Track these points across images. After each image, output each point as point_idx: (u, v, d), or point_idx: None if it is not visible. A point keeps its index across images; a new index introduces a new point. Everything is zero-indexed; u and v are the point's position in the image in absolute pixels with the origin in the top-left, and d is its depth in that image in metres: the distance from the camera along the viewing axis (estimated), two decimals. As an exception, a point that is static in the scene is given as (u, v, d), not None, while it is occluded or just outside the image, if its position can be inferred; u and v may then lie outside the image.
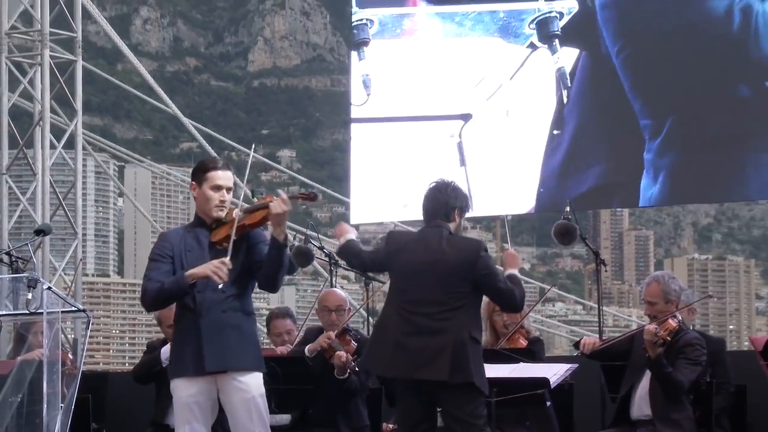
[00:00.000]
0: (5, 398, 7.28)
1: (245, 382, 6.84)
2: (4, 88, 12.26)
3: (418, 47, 11.89)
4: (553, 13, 11.14)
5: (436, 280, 7.13)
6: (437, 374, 7.02)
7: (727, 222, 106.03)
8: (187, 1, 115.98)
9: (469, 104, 11.64)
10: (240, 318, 6.90)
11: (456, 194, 7.39)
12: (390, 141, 11.82)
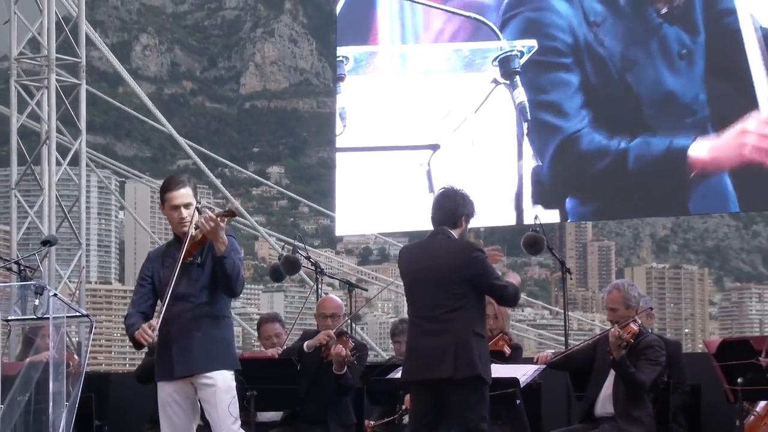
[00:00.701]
0: (14, 397, 7.26)
1: (213, 378, 6.86)
2: (14, 110, 12.24)
3: (390, 82, 11.94)
4: (514, 51, 11.23)
5: (435, 283, 7.11)
6: (443, 372, 7.00)
7: (683, 234, 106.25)
8: (184, 29, 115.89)
9: (438, 135, 11.70)
10: (209, 323, 6.91)
11: (464, 201, 7.36)
12: (369, 165, 11.88)
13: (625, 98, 10.97)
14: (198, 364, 6.85)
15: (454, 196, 7.37)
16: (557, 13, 11.19)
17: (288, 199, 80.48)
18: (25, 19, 12.24)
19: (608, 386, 8.15)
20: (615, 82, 11.01)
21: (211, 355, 6.89)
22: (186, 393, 6.92)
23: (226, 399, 6.91)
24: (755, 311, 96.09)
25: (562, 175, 11.24)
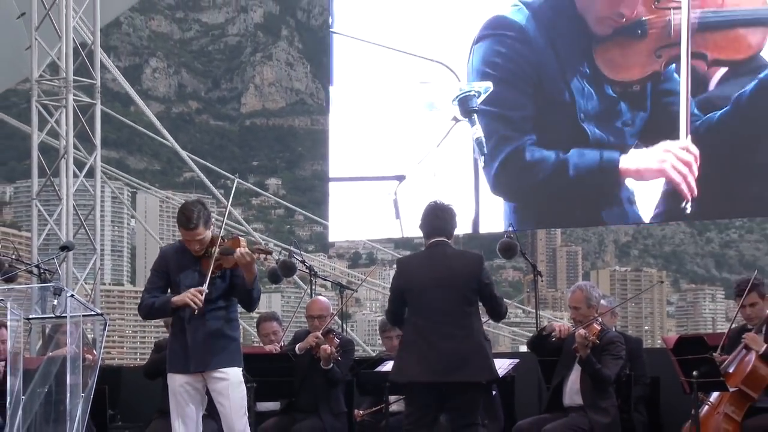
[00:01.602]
0: (34, 389, 7.23)
1: (226, 373, 6.97)
2: (35, 127, 12.22)
3: (368, 116, 12.11)
4: (472, 92, 11.30)
5: (450, 291, 7.07)
6: (469, 376, 6.99)
7: (643, 240, 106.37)
8: (190, 53, 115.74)
9: (403, 167, 11.79)
10: (221, 324, 7.05)
11: (454, 216, 7.38)
12: (353, 190, 12.03)
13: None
14: (212, 360, 6.96)
15: (449, 210, 7.38)
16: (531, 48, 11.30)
17: (284, 208, 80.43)
18: (46, 45, 12.23)
19: (575, 380, 8.15)
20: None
21: (224, 353, 7.00)
22: (197, 385, 7.04)
23: (237, 392, 7.04)
24: (708, 310, 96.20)
25: (506, 185, 11.42)
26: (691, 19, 10.47)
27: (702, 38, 10.50)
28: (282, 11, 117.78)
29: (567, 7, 11.13)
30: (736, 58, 10.44)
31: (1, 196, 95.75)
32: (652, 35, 10.73)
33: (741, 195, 10.70)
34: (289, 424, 8.76)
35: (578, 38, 11.11)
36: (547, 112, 11.20)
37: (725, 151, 10.52)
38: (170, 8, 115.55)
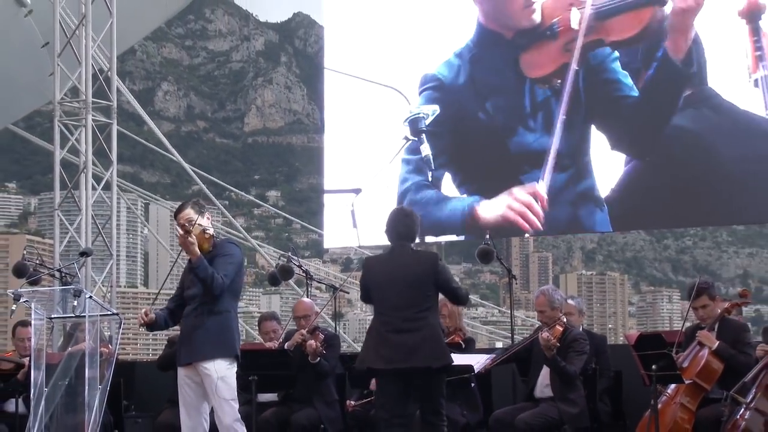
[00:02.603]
0: (56, 381, 7.22)
1: (208, 368, 6.93)
2: (57, 144, 12.20)
3: (333, 135, 12.51)
4: (421, 114, 11.38)
5: (409, 287, 7.07)
6: (422, 361, 6.97)
7: (607, 246, 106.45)
8: (198, 78, 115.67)
9: (359, 181, 11.90)
10: (210, 318, 6.99)
11: (416, 221, 7.39)
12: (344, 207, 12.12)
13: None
14: (197, 353, 6.98)
15: (412, 215, 7.39)
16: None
17: (283, 218, 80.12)
18: (67, 71, 12.22)
19: (545, 374, 8.17)
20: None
21: (208, 346, 6.98)
22: (195, 377, 7.03)
23: (222, 384, 6.98)
24: (666, 310, 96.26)
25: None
26: (588, 11, 10.73)
27: (601, 25, 10.70)
28: (281, 40, 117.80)
29: (488, 36, 11.39)
30: (629, 36, 10.61)
31: (27, 206, 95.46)
32: (561, 33, 10.89)
33: (694, 206, 10.73)
34: (288, 413, 8.76)
35: (503, 54, 11.29)
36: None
37: (674, 169, 10.58)
38: (180, 37, 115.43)
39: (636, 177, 10.74)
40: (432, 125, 11.41)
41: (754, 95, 10.09)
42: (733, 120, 10.24)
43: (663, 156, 10.57)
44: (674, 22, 10.41)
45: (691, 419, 7.61)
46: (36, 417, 7.14)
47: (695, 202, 10.66)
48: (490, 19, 11.40)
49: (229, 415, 6.96)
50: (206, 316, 6.97)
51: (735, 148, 10.24)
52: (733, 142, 10.26)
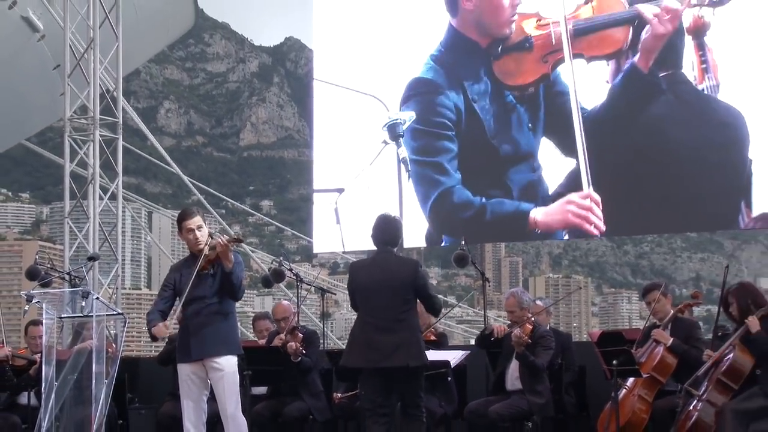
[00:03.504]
0: (65, 376, 7.19)
1: (219, 363, 6.95)
2: (67, 158, 12.18)
3: (318, 141, 12.52)
4: (399, 120, 11.39)
5: (389, 291, 7.03)
6: (401, 361, 6.95)
7: (572, 252, 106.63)
8: (197, 97, 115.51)
9: (342, 181, 11.91)
10: (217, 318, 7.03)
11: (400, 226, 7.39)
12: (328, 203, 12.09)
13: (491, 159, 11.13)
14: (209, 349, 6.95)
15: (393, 221, 7.37)
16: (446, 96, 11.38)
17: (275, 226, 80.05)
18: (77, 90, 12.20)
19: (515, 369, 8.18)
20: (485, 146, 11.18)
21: (219, 343, 6.98)
22: (199, 372, 7.01)
23: (230, 379, 6.99)
24: (625, 310, 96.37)
25: (438, 219, 11.42)
26: (568, 28, 10.76)
27: (578, 42, 10.75)
28: (274, 62, 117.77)
29: (461, 42, 11.41)
30: (607, 53, 10.66)
31: (39, 215, 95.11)
32: (538, 46, 10.96)
33: (651, 216, 10.77)
34: (279, 406, 8.75)
35: (477, 60, 11.30)
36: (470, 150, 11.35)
37: (632, 182, 10.64)
38: (181, 59, 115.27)
39: (598, 188, 10.78)
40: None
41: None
42: (684, 134, 10.34)
43: (622, 168, 10.62)
44: (648, 42, 10.52)
45: (648, 410, 7.64)
46: (47, 409, 7.11)
47: (652, 212, 10.69)
48: (469, 26, 11.46)
49: (234, 406, 7.00)
50: (215, 316, 7.00)
51: (685, 164, 10.33)
52: (682, 156, 10.36)
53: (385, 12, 12.20)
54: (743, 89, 10.26)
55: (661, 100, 10.47)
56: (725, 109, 10.17)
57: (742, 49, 10.27)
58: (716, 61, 10.31)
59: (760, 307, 7.19)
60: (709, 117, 10.25)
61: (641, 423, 7.63)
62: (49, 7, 14.64)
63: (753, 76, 10.24)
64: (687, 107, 10.35)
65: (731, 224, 10.60)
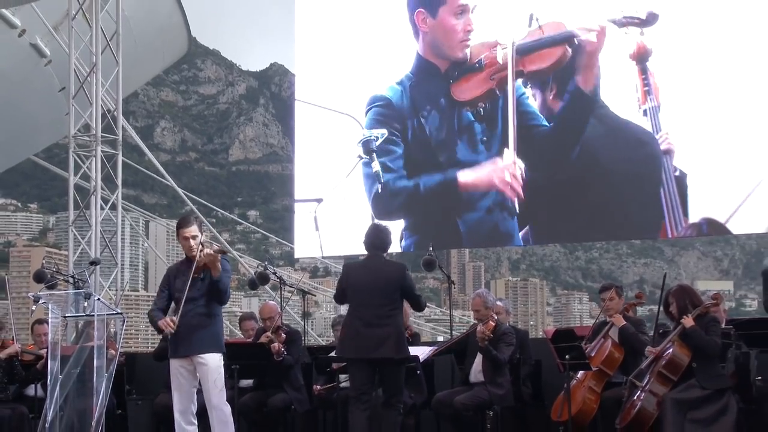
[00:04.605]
0: (69, 369, 7.15)
1: (205, 359, 6.91)
2: (71, 171, 12.12)
3: (299, 155, 12.56)
4: (372, 136, 11.49)
5: (379, 290, 7.08)
6: (387, 353, 6.97)
7: (529, 257, 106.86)
8: (190, 116, 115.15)
9: (322, 192, 11.98)
10: (205, 319, 7.00)
11: (389, 233, 7.46)
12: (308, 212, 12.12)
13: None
14: (196, 347, 6.93)
15: (383, 229, 7.45)
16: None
17: (261, 233, 79.92)
18: (80, 110, 12.14)
19: (478, 363, 8.19)
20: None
21: (205, 342, 6.97)
22: (188, 366, 7.02)
23: (213, 374, 6.97)
24: (577, 310, 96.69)
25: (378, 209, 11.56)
26: (512, 49, 10.96)
27: (521, 60, 10.93)
28: (260, 86, 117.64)
29: (425, 66, 11.51)
30: (543, 67, 10.83)
31: (46, 224, 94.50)
32: (487, 65, 11.11)
33: (600, 224, 10.84)
34: (264, 398, 8.72)
35: (437, 83, 11.42)
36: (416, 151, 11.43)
37: (582, 194, 10.72)
38: (176, 83, 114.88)
39: (552, 198, 10.84)
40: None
41: (644, 122, 10.42)
42: (626, 152, 10.45)
43: (573, 181, 10.71)
44: (582, 59, 10.61)
45: (597, 399, 7.67)
46: (52, 400, 7.06)
47: (600, 221, 10.78)
48: (429, 51, 11.55)
49: (218, 397, 7.00)
50: (203, 317, 7.00)
51: (629, 181, 10.45)
52: (626, 171, 10.47)
53: (360, 41, 12.25)
54: (679, 111, 10.39)
55: (592, 123, 10.57)
56: (641, 130, 10.31)
57: (677, 70, 10.39)
58: (657, 84, 10.42)
59: (696, 307, 7.24)
60: (629, 137, 10.39)
61: (591, 411, 7.66)
62: (56, 35, 14.59)
63: (688, 99, 10.36)
64: (611, 129, 10.51)
65: (655, 234, 10.72)
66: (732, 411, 6.87)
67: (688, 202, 10.16)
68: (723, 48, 10.34)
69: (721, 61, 10.31)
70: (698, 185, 10.14)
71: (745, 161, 10.10)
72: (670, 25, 10.55)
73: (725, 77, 10.27)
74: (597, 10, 10.69)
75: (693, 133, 10.28)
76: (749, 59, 10.18)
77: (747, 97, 10.17)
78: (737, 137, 10.15)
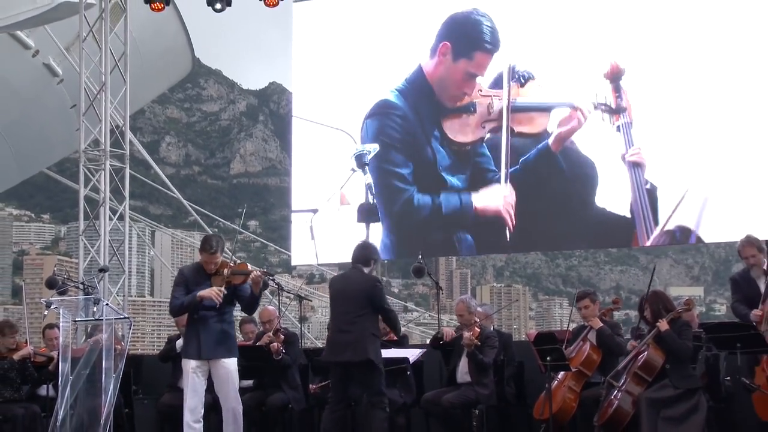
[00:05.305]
0: (79, 370, 7.13)
1: (226, 362, 6.95)
2: (81, 184, 12.08)
3: (296, 168, 12.57)
4: (364, 150, 11.48)
5: (348, 299, 7.16)
6: (347, 355, 7.03)
7: (513, 265, 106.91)
8: (194, 132, 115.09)
9: (316, 203, 11.98)
10: (225, 325, 7.07)
11: (373, 250, 7.54)
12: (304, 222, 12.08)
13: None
14: (219, 352, 7.03)
15: (368, 246, 7.55)
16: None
17: (260, 242, 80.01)
18: (90, 126, 12.14)
19: (464, 364, 8.19)
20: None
21: (225, 346, 7.02)
22: (204, 368, 7.09)
23: (233, 377, 7.06)
24: (558, 314, 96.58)
25: (401, 227, 11.61)
26: (506, 103, 11.08)
27: (512, 117, 11.03)
28: (259, 103, 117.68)
29: (425, 87, 11.50)
30: (532, 132, 10.96)
31: (58, 233, 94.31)
32: (479, 112, 11.12)
33: (579, 234, 10.90)
34: (263, 396, 8.71)
35: (432, 111, 11.45)
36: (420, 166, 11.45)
37: (564, 209, 10.83)
38: (180, 101, 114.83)
39: (535, 211, 10.89)
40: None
41: (617, 138, 10.54)
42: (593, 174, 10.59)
43: (555, 200, 10.83)
44: (561, 133, 10.74)
45: (577, 399, 7.67)
46: (63, 399, 7.05)
47: (579, 231, 10.84)
48: (433, 77, 11.56)
49: (235, 399, 7.12)
50: (225, 324, 7.15)
51: (606, 195, 10.61)
52: (585, 192, 10.75)
53: (352, 61, 12.28)
54: (651, 127, 10.49)
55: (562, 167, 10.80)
56: (585, 161, 10.63)
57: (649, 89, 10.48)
58: (630, 102, 10.50)
59: (669, 312, 7.26)
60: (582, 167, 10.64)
61: (570, 410, 7.66)
62: (67, 56, 14.60)
63: (659, 116, 10.45)
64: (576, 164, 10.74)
65: (628, 243, 10.89)
66: (702, 409, 6.89)
67: (659, 213, 10.24)
68: (691, 69, 10.45)
69: (690, 81, 10.42)
70: (666, 199, 10.25)
71: (712, 174, 10.19)
72: (642, 47, 10.64)
73: (695, 97, 10.37)
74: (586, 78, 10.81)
75: (663, 148, 10.36)
76: (715, 82, 10.30)
77: (714, 117, 10.27)
78: (704, 153, 10.24)
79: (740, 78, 10.20)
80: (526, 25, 11.21)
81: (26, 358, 9.09)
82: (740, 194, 10.06)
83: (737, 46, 10.21)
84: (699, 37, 10.40)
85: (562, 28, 11.03)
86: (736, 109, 10.22)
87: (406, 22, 11.93)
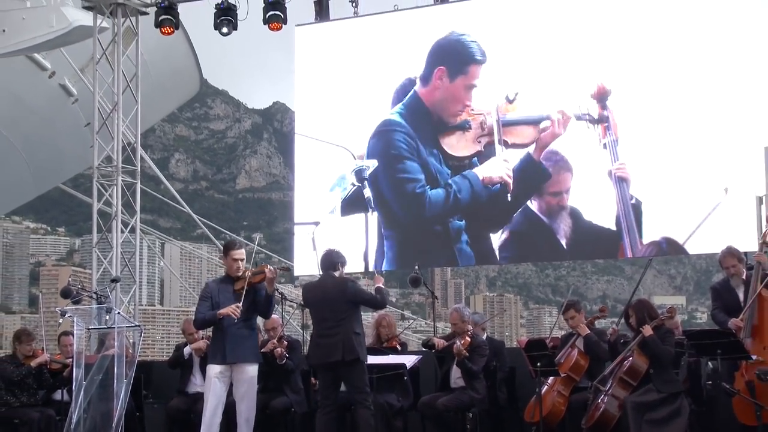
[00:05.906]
0: (92, 376, 7.13)
1: (249, 368, 6.99)
2: (95, 199, 12.09)
3: (299, 183, 12.50)
4: (364, 166, 11.54)
5: (328, 305, 7.19)
6: (337, 356, 7.03)
7: (504, 275, 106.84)
8: (202, 149, 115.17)
9: (318, 215, 11.96)
10: (248, 331, 7.11)
11: (339, 256, 7.50)
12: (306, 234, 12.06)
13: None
14: (246, 356, 7.10)
15: (332, 252, 7.53)
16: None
17: (265, 253, 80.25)
18: (103, 144, 12.15)
19: (457, 370, 8.19)
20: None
21: (252, 352, 7.08)
22: (226, 372, 7.13)
23: (254, 381, 7.20)
24: (547, 322, 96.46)
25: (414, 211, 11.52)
26: (497, 118, 11.13)
27: (504, 130, 11.07)
28: (264, 122, 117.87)
29: (421, 111, 11.53)
30: (523, 143, 10.98)
31: (72, 245, 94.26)
32: (474, 128, 11.18)
33: (567, 246, 10.90)
34: (267, 400, 8.68)
35: (431, 132, 11.48)
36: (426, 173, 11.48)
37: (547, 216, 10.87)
38: (188, 119, 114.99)
39: (527, 225, 10.92)
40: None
41: (604, 154, 10.56)
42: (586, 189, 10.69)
43: (543, 209, 10.84)
44: (543, 139, 10.75)
45: (565, 402, 7.67)
46: (77, 403, 7.04)
47: (568, 243, 10.84)
48: (430, 100, 11.59)
49: (251, 407, 7.23)
50: (248, 330, 7.21)
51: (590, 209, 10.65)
52: (587, 202, 10.69)
53: (351, 81, 12.32)
54: (636, 145, 10.53)
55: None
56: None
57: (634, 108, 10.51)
58: (616, 121, 10.53)
59: (653, 319, 7.26)
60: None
61: (560, 413, 7.65)
62: (82, 77, 14.63)
63: (644, 134, 10.49)
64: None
65: (614, 254, 10.88)
66: (684, 412, 6.90)
67: (643, 227, 10.28)
68: (674, 89, 10.49)
69: (673, 101, 10.47)
70: (650, 212, 10.29)
71: (695, 190, 10.22)
72: (628, 67, 10.68)
73: (679, 115, 10.42)
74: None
75: (647, 164, 10.40)
76: (696, 101, 10.34)
77: (695, 135, 10.33)
78: (687, 169, 10.28)
79: (721, 98, 10.25)
80: (511, 46, 11.25)
81: (42, 365, 9.08)
82: (720, 208, 10.09)
83: (719, 66, 10.26)
84: (682, 58, 10.45)
85: (548, 49, 11.06)
86: (715, 127, 10.27)
87: (401, 44, 11.99)
